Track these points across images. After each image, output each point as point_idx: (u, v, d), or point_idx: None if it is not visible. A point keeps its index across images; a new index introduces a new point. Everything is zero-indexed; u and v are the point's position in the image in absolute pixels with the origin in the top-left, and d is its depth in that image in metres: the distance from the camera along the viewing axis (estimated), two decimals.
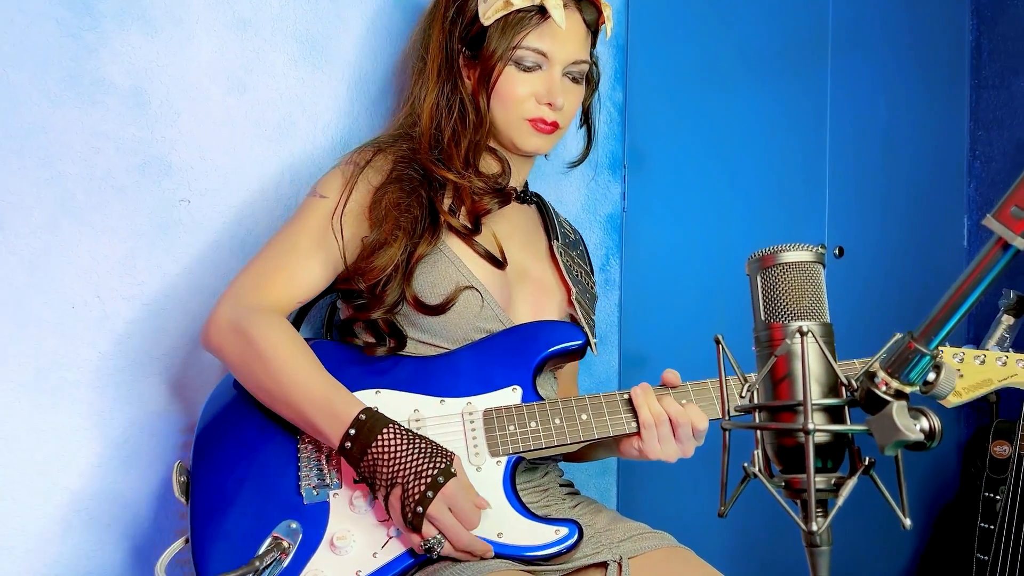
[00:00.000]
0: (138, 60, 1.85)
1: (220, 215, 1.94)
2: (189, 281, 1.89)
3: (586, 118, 2.02)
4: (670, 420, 1.66)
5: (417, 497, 1.49)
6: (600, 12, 1.82)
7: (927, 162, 3.50)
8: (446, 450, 1.55)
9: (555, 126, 1.81)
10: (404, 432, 1.55)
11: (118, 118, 1.83)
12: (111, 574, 1.85)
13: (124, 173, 1.84)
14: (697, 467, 2.40)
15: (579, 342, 1.77)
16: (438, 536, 1.52)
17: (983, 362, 1.75)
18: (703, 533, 2.62)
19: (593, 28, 1.83)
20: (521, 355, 1.74)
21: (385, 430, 1.54)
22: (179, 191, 1.90)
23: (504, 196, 1.82)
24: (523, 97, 1.78)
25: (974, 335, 3.58)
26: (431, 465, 1.52)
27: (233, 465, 1.65)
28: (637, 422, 1.67)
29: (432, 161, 1.77)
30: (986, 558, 3.00)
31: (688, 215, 2.79)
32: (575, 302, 1.86)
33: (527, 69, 1.77)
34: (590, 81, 1.95)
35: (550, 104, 1.78)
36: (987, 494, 3.05)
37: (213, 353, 1.70)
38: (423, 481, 1.50)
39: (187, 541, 1.60)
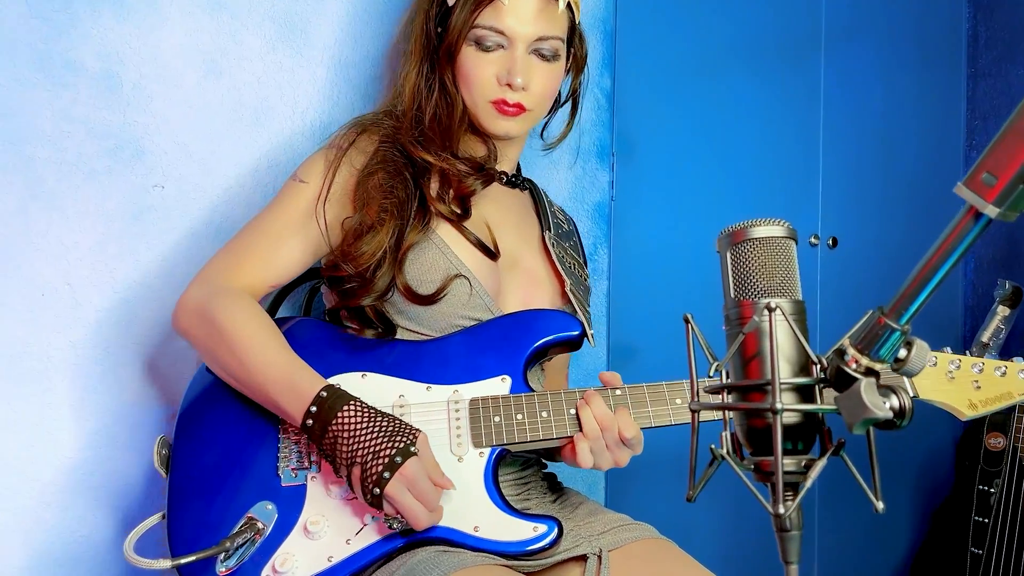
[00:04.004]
0: (110, 42, 1.83)
1: (195, 201, 1.92)
2: (162, 268, 1.87)
3: (572, 97, 1.98)
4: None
5: (374, 478, 1.47)
6: None
7: (923, 152, 3.48)
8: (409, 428, 1.52)
9: (519, 108, 1.77)
10: (365, 409, 1.52)
11: (89, 101, 1.81)
12: (88, 564, 1.83)
13: (95, 158, 1.81)
14: (684, 461, 2.37)
15: (575, 332, 1.74)
16: (398, 516, 1.50)
17: (1004, 374, 1.69)
18: (692, 525, 2.60)
19: (566, 1, 1.77)
20: (513, 344, 1.71)
21: (346, 407, 1.51)
22: (152, 176, 1.87)
23: (487, 175, 1.79)
24: (484, 78, 1.75)
25: (970, 327, 3.56)
26: (390, 445, 1.48)
27: (214, 443, 1.63)
28: (580, 428, 1.64)
29: (412, 142, 1.74)
30: (980, 552, 2.98)
31: (678, 204, 2.76)
32: (569, 293, 1.84)
33: (487, 49, 1.74)
34: (577, 60, 1.91)
35: (510, 85, 1.74)
36: (981, 487, 3.03)
37: (182, 336, 1.69)
38: (380, 462, 1.47)
39: (163, 517, 1.59)
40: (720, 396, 1.02)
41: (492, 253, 1.77)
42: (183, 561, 1.48)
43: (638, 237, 2.67)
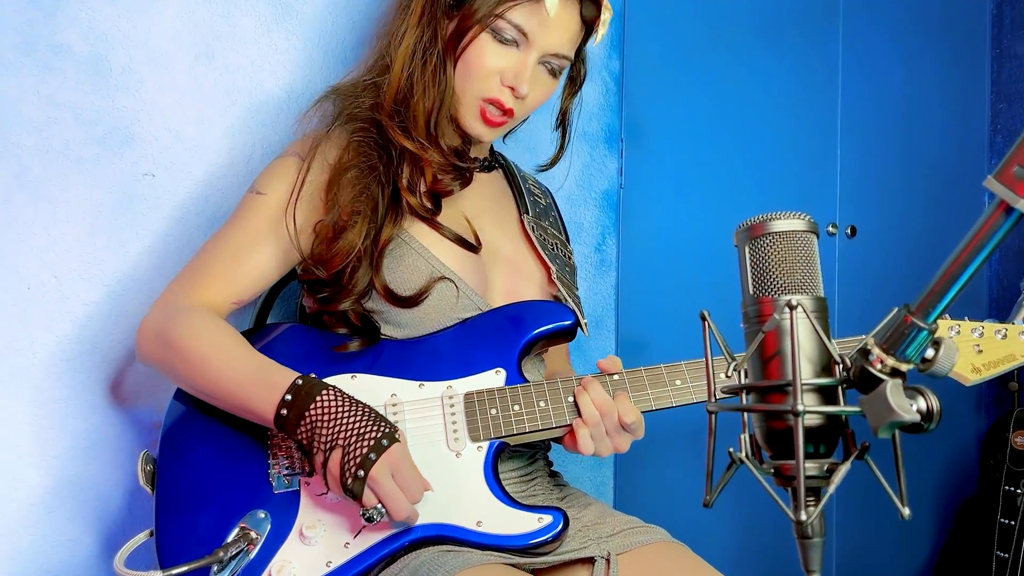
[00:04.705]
0: (98, 25, 1.82)
1: (186, 190, 1.92)
2: (152, 260, 1.87)
3: (563, 121, 1.97)
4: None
5: (359, 460, 1.45)
6: (599, 12, 1.75)
7: (945, 137, 3.47)
8: (390, 421, 1.52)
9: (509, 115, 1.74)
10: (345, 396, 1.52)
11: (77, 86, 1.81)
12: (76, 569, 1.83)
13: (83, 145, 1.81)
14: (698, 461, 2.37)
15: (568, 322, 1.74)
16: (379, 506, 1.48)
17: (1004, 336, 1.69)
18: (705, 529, 2.60)
19: (589, 26, 1.76)
20: (505, 337, 1.72)
21: (325, 392, 1.50)
22: (142, 164, 1.87)
23: (465, 177, 1.77)
24: (489, 72, 1.71)
25: (995, 319, 3.55)
26: (375, 428, 1.48)
27: (201, 453, 1.63)
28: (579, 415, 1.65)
29: (392, 126, 1.71)
30: (1006, 555, 2.98)
31: (689, 192, 2.76)
32: (556, 281, 1.83)
33: (503, 41, 1.70)
34: (574, 81, 1.92)
35: (513, 89, 1.72)
36: (1007, 488, 3.03)
37: (147, 365, 1.69)
38: (366, 443, 1.46)
39: (151, 534, 1.59)
40: (739, 397, 1.02)
41: (473, 247, 1.76)
42: (174, 572, 1.47)
43: (648, 226, 2.67)
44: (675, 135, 2.73)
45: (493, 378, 1.69)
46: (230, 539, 1.53)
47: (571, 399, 1.66)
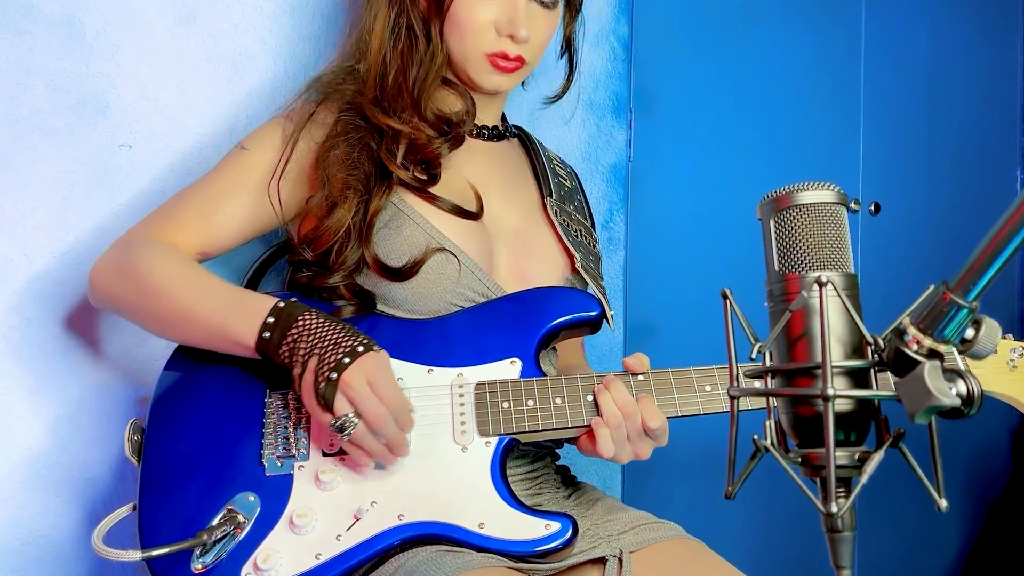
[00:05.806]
0: None
1: (165, 161, 1.91)
2: None
3: (568, 47, 1.99)
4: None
5: (332, 364, 1.48)
6: None
7: (975, 108, 3.46)
8: (374, 341, 1.55)
9: (520, 62, 1.77)
10: (328, 316, 1.55)
11: (48, 51, 1.79)
12: (57, 549, 1.83)
13: (55, 114, 1.80)
14: (711, 451, 2.36)
15: (593, 313, 1.73)
16: (351, 415, 1.49)
17: None
18: (718, 523, 2.60)
19: None
20: (524, 325, 1.70)
21: (307, 312, 1.54)
22: (119, 134, 1.86)
23: (454, 137, 1.78)
24: (482, 27, 1.73)
25: None
26: (353, 338, 1.51)
27: (191, 429, 1.62)
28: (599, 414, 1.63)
29: (374, 105, 1.73)
30: None
31: (703, 165, 2.75)
32: (581, 270, 1.83)
33: None
34: (572, 5, 1.92)
35: (512, 36, 1.73)
36: None
37: (103, 306, 1.71)
38: (341, 350, 1.50)
39: (134, 508, 1.58)
40: (763, 381, 1.01)
41: (471, 214, 1.76)
42: (155, 554, 1.47)
43: (658, 201, 2.66)
44: (688, 104, 2.72)
45: (508, 369, 1.67)
46: (215, 522, 1.52)
47: (590, 398, 1.63)
